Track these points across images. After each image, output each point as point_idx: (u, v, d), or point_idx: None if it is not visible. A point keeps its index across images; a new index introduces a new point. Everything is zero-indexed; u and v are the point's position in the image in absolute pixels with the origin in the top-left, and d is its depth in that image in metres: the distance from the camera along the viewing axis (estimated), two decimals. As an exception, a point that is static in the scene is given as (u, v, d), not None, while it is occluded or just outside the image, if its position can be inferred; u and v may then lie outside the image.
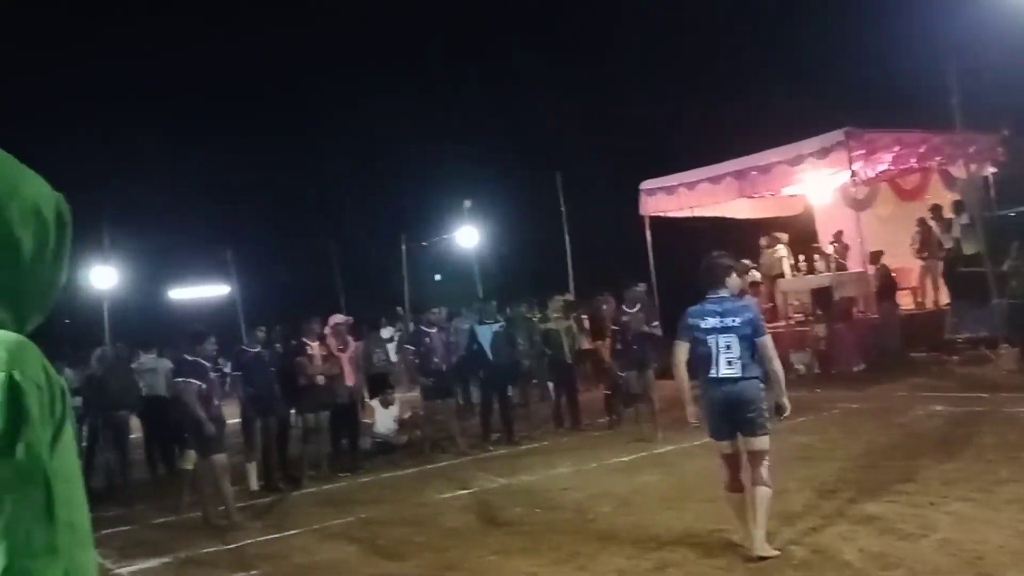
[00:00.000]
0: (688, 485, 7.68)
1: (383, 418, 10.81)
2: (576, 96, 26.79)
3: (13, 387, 1.12)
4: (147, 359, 11.62)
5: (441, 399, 10.78)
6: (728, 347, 5.50)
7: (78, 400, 10.43)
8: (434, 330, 10.90)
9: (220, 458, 8.04)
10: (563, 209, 20.68)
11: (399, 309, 20.08)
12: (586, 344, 12.81)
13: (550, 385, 12.84)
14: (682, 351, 5.76)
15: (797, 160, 15.21)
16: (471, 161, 26.33)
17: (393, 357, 13.09)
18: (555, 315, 12.97)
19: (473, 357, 11.55)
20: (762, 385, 5.65)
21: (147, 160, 28.90)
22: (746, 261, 17.56)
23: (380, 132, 29.45)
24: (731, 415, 5.59)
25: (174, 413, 8.74)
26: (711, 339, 5.55)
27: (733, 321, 5.53)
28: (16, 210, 1.26)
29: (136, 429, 11.84)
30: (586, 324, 13.34)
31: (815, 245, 17.75)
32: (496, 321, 11.90)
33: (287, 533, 7.62)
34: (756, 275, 17.30)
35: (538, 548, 6.25)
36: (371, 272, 26.89)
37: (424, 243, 24.56)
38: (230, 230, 27.95)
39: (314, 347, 10.06)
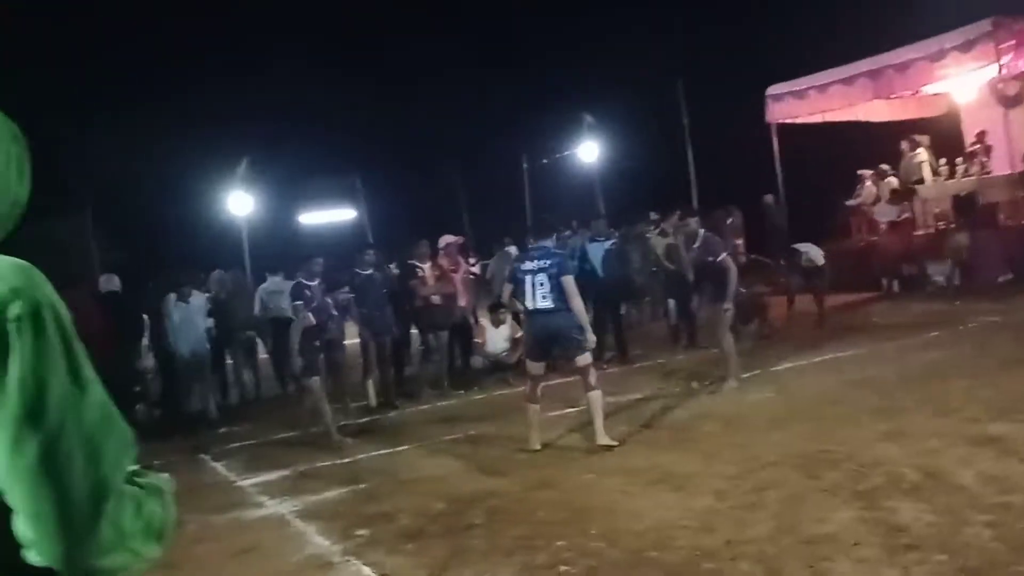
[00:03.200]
0: (797, 405, 7.41)
1: (494, 337, 10.87)
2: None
3: (42, 316, 1.09)
4: (272, 281, 12.06)
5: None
6: (541, 284, 6.80)
7: (210, 322, 11.01)
8: (543, 249, 10.80)
9: (314, 381, 8.26)
10: (685, 120, 20.00)
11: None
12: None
13: (671, 303, 12.58)
14: (506, 291, 7.38)
15: (938, 55, 14.05)
16: (591, 74, 25.68)
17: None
18: (674, 230, 12.62)
19: (583, 276, 11.39)
20: (575, 316, 6.83)
21: (281, 93, 29.61)
22: (884, 166, 16.53)
23: (499, 51, 29.11)
24: (544, 340, 6.99)
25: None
26: (528, 278, 6.86)
27: (545, 263, 6.83)
28: None
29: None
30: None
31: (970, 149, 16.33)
32: (608, 239, 11.68)
33: (397, 448, 7.86)
34: (894, 182, 16.28)
35: (636, 466, 6.18)
36: (495, 192, 26.98)
37: (545, 160, 24.37)
38: (358, 157, 28.53)
39: (425, 268, 10.18)
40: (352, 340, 10.96)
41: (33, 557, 1.05)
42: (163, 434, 9.63)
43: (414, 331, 11.14)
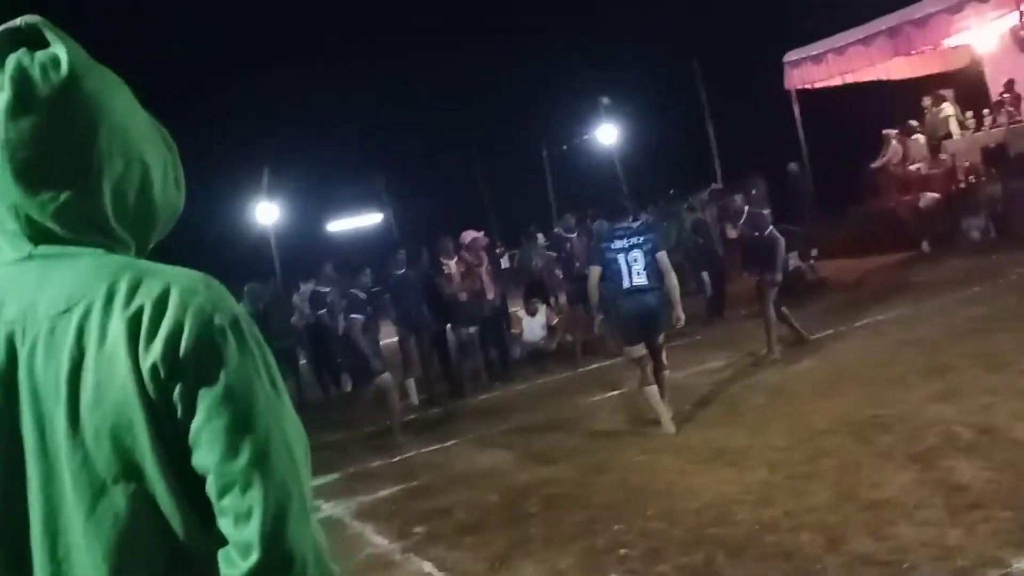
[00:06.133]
0: (843, 371, 7.36)
1: (531, 326, 10.91)
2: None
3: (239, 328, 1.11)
4: (306, 289, 12.18)
5: (585, 303, 10.70)
6: (635, 261, 6.60)
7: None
8: (573, 235, 10.81)
9: (386, 378, 8.36)
10: (703, 95, 19.86)
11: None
12: (732, 233, 12.32)
13: (704, 276, 12.57)
14: (595, 273, 6.83)
15: (957, 7, 13.80)
16: (605, 58, 25.58)
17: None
18: (701, 204, 12.61)
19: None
20: (668, 293, 6.74)
21: (302, 104, 29.81)
22: (913, 122, 16.27)
23: (512, 41, 29.05)
24: (643, 321, 6.66)
25: (339, 344, 9.06)
26: (621, 257, 6.62)
27: (638, 239, 6.66)
28: (140, 127, 1.21)
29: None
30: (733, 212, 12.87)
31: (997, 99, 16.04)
32: (636, 219, 11.66)
33: (447, 443, 7.91)
34: (921, 139, 16.06)
35: (689, 444, 6.19)
36: (517, 181, 26.97)
37: (564, 146, 24.32)
38: (381, 159, 28.66)
39: (451, 265, 10.19)
40: (390, 339, 11.01)
41: (238, 562, 1.04)
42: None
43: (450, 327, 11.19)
